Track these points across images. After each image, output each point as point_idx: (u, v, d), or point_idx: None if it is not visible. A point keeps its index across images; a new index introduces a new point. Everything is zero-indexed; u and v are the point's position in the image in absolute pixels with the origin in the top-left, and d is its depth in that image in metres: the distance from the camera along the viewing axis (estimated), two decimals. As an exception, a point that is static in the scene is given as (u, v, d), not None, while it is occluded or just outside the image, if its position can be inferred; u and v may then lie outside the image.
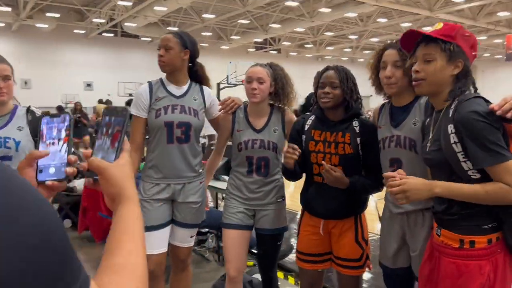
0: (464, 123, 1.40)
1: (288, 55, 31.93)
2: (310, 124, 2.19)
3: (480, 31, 23.75)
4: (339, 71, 2.08)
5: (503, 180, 1.36)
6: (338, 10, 18.11)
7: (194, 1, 17.00)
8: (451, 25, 1.55)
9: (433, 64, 1.50)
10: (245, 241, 2.40)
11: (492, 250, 1.44)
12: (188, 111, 2.36)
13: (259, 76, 2.26)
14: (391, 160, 1.94)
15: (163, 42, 2.37)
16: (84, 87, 24.51)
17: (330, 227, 2.16)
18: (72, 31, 23.28)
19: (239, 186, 2.38)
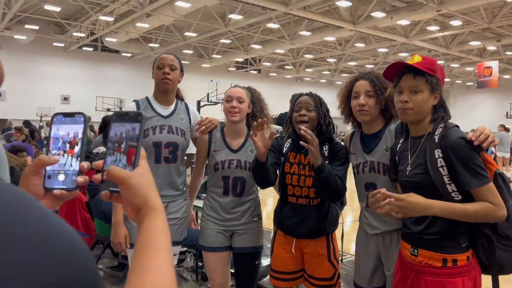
0: (454, 148, 1.50)
1: (268, 75, 32.35)
2: (287, 146, 2.25)
3: (453, 58, 24.72)
4: (313, 96, 2.19)
5: (487, 200, 1.48)
6: (318, 34, 18.60)
7: (177, 19, 17.13)
8: (430, 59, 1.64)
9: (421, 95, 1.59)
10: (227, 261, 2.42)
11: (471, 266, 1.55)
12: (176, 131, 2.37)
13: (239, 95, 2.30)
14: (366, 184, 2.02)
15: (168, 61, 2.36)
16: (60, 100, 24.11)
17: (302, 246, 2.21)
18: (51, 44, 23.02)
19: (215, 207, 2.36)
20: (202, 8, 16.14)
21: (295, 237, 2.19)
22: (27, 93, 22.43)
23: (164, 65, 2.34)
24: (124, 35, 19.63)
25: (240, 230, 2.36)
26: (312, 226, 2.13)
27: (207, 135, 2.40)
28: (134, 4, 15.31)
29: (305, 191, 2.15)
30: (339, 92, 2.15)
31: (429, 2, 13.72)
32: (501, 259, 1.53)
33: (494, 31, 18.87)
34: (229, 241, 2.40)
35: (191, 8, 14.93)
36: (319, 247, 2.18)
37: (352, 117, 2.08)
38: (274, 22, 17.82)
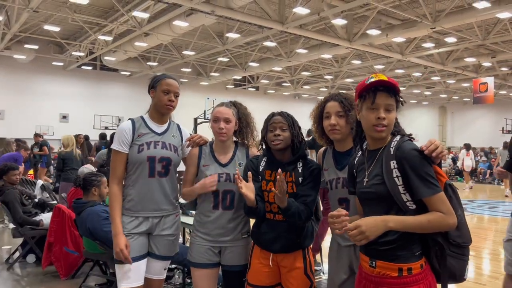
0: (408, 159, 1.57)
1: (266, 93, 32.55)
2: (263, 165, 2.30)
3: (449, 75, 24.93)
4: (285, 116, 2.26)
5: (438, 209, 1.54)
6: (314, 51, 18.78)
7: (175, 38, 17.33)
8: (391, 79, 1.70)
9: (392, 113, 1.68)
10: (214, 279, 2.42)
11: (425, 274, 1.59)
12: (169, 147, 2.44)
13: (226, 116, 2.35)
14: (340, 199, 2.10)
15: (174, 89, 2.43)
16: (59, 119, 24.19)
17: (279, 260, 2.23)
18: (50, 63, 23.22)
19: (204, 223, 2.38)
20: (199, 27, 16.34)
21: (272, 251, 2.22)
22: (26, 112, 22.52)
23: (170, 91, 2.40)
24: (123, 54, 19.82)
25: (229, 247, 2.37)
26: (288, 241, 2.18)
27: (197, 150, 2.46)
28: (132, 23, 15.51)
29: None
30: (311, 113, 2.26)
31: (424, 19, 13.91)
32: (453, 267, 1.59)
33: (488, 47, 19.08)
34: (218, 257, 2.40)
35: (189, 27, 15.12)
36: (295, 260, 2.21)
37: (325, 135, 2.19)
38: (271, 40, 18.03)
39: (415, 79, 26.48)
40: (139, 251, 2.37)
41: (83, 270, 4.38)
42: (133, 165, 2.38)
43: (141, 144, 2.37)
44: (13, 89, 22.76)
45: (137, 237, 2.36)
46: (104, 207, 3.65)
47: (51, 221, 4.47)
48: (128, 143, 2.39)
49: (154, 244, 2.43)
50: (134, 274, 2.34)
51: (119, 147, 2.38)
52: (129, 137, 2.38)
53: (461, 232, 1.59)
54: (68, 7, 15.25)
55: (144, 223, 2.39)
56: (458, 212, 1.59)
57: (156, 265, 2.46)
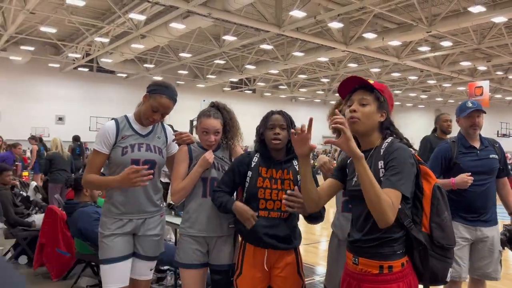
0: (393, 152, 1.60)
1: (263, 95, 32.61)
2: (256, 161, 2.31)
3: (444, 78, 25.05)
4: (284, 115, 2.29)
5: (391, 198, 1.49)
6: (311, 54, 18.86)
7: (171, 40, 17.34)
8: (380, 83, 1.79)
9: (368, 107, 1.70)
10: (203, 279, 2.43)
11: (405, 272, 1.60)
12: (153, 150, 2.42)
13: (216, 129, 2.40)
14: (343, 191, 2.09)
15: (165, 109, 2.38)
16: (55, 120, 24.15)
17: (272, 261, 2.23)
18: (47, 65, 23.21)
19: (191, 215, 2.39)
20: (196, 30, 16.38)
21: (266, 247, 2.21)
22: (22, 113, 22.48)
23: (158, 110, 2.36)
24: (119, 56, 19.83)
25: (217, 244, 2.38)
26: (283, 238, 2.20)
27: (186, 148, 2.46)
28: (129, 25, 15.52)
29: (278, 204, 2.21)
30: (329, 115, 2.32)
31: (419, 23, 13.99)
32: (435, 268, 1.60)
33: (484, 51, 19.20)
34: (206, 257, 2.40)
35: (185, 29, 15.15)
36: (289, 260, 2.24)
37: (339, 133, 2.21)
38: (268, 43, 18.09)
39: (411, 82, 26.60)
40: (124, 251, 2.35)
41: (74, 271, 4.36)
42: (117, 168, 2.35)
43: (125, 147, 2.35)
44: (9, 90, 22.71)
45: (121, 237, 2.35)
46: (96, 208, 3.63)
47: (43, 222, 4.45)
48: (110, 145, 2.36)
49: (139, 244, 2.42)
50: (119, 274, 2.32)
51: (99, 147, 2.35)
52: (112, 139, 2.36)
53: (445, 234, 1.60)
54: (65, 9, 15.25)
55: (129, 224, 2.38)
56: (443, 215, 1.61)
57: (141, 265, 2.45)
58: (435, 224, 1.60)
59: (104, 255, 2.34)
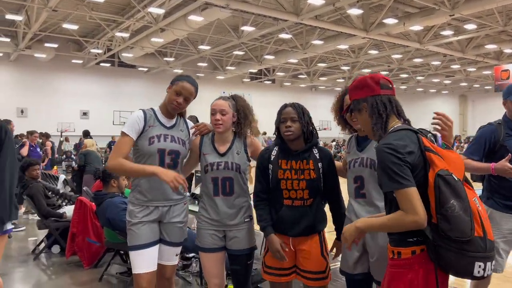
0: (377, 153, 1.64)
1: (282, 85, 32.48)
2: (275, 154, 2.42)
3: (469, 62, 24.39)
4: (296, 108, 2.37)
5: (401, 206, 1.54)
6: (330, 42, 18.63)
7: (190, 32, 17.44)
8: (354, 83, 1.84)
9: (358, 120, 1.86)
10: (221, 261, 2.57)
11: (416, 260, 1.59)
12: (177, 141, 2.54)
13: (222, 108, 2.48)
14: (355, 177, 2.25)
15: (187, 93, 2.49)
16: (80, 115, 24.71)
17: (296, 244, 2.36)
18: (70, 61, 23.69)
19: (207, 208, 2.52)
20: (215, 21, 16.41)
21: (291, 236, 2.34)
22: (47, 109, 23.07)
23: (181, 94, 2.48)
24: (140, 50, 20.07)
25: (233, 231, 2.50)
26: (307, 225, 2.32)
27: (198, 140, 2.61)
28: (148, 19, 15.68)
29: (300, 193, 2.32)
30: (332, 107, 2.41)
31: (442, 7, 13.63)
32: (451, 261, 1.54)
33: (510, 33, 18.57)
34: (223, 242, 2.54)
35: (204, 21, 15.20)
36: (313, 243, 2.35)
37: (348, 124, 2.34)
38: (287, 32, 17.97)
39: (434, 68, 26.01)
40: (151, 237, 2.47)
41: (104, 259, 4.53)
42: (143, 157, 2.47)
43: (152, 137, 2.46)
44: (35, 87, 23.33)
45: (148, 225, 2.46)
46: (123, 199, 3.76)
47: (74, 213, 4.63)
48: (138, 131, 2.46)
49: (165, 231, 2.54)
50: (147, 259, 2.44)
51: (128, 131, 2.45)
52: (141, 125, 2.46)
53: (452, 226, 1.51)
54: (86, 5, 15.51)
55: (154, 211, 2.48)
56: (447, 204, 1.51)
57: (167, 251, 2.57)
58: (440, 215, 1.52)
59: (133, 242, 2.46)
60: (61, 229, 4.99)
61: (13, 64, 22.71)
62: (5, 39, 18.96)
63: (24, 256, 5.05)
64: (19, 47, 19.40)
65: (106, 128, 22.58)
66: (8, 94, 22.30)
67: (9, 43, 19.57)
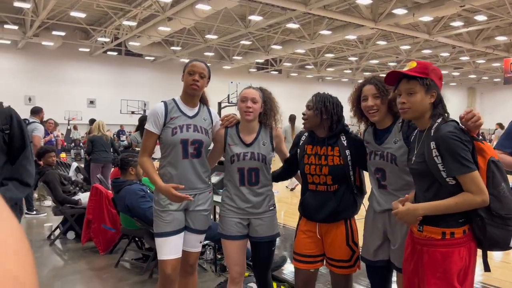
0: (443, 140, 1.75)
1: (289, 76, 32.36)
2: (304, 139, 2.51)
3: (478, 54, 24.18)
4: (314, 96, 2.44)
5: (468, 188, 1.71)
6: (338, 33, 18.50)
7: (198, 22, 17.38)
8: (423, 63, 1.89)
9: (415, 96, 1.86)
10: (243, 249, 2.63)
11: (466, 239, 1.79)
12: (200, 130, 2.57)
13: (253, 96, 2.51)
14: (376, 169, 2.29)
15: (199, 69, 2.53)
16: (87, 104, 24.81)
17: (323, 231, 2.41)
18: (77, 49, 23.70)
19: (232, 197, 2.55)
20: (222, 11, 16.32)
21: (316, 221, 2.40)
22: (55, 97, 23.15)
23: (194, 72, 2.52)
24: (147, 39, 20.04)
25: (257, 219, 2.55)
26: (330, 210, 2.35)
27: (223, 130, 2.63)
28: (156, 8, 15.64)
29: (323, 178, 2.37)
30: (349, 97, 2.41)
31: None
32: (496, 236, 1.75)
33: (521, 25, 18.37)
34: (246, 229, 2.58)
35: (211, 10, 15.13)
36: (338, 231, 2.39)
37: (364, 116, 2.35)
38: (294, 22, 17.86)
39: (443, 59, 25.80)
40: (177, 225, 2.53)
41: (119, 246, 4.60)
42: (167, 147, 2.52)
43: (175, 128, 2.50)
44: (42, 75, 23.41)
45: (174, 213, 2.52)
46: (141, 186, 3.82)
47: (89, 200, 4.69)
48: (160, 125, 2.52)
49: (190, 219, 2.59)
50: (173, 246, 2.51)
51: (151, 128, 2.53)
52: (162, 119, 2.52)
53: (502, 205, 1.73)
54: (94, -7, 15.48)
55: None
56: (500, 187, 1.74)
57: (192, 238, 2.62)
58: (492, 196, 1.72)
59: (159, 229, 2.52)
60: (76, 216, 5.07)
61: (21, 52, 22.76)
62: (13, 27, 18.98)
63: (40, 241, 5.14)
64: (27, 35, 19.43)
65: (113, 116, 22.65)
66: (16, 81, 22.40)
67: (17, 31, 19.59)
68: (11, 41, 21.79)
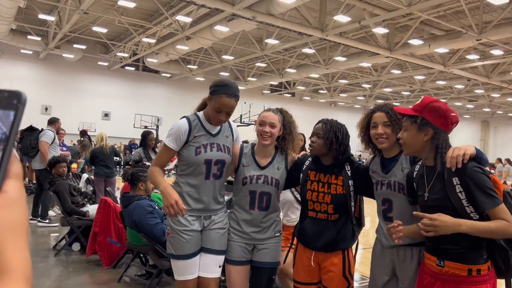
0: (471, 176, 1.76)
1: (302, 99, 32.53)
2: (307, 164, 2.46)
3: (493, 88, 24.07)
4: (324, 124, 2.38)
5: (502, 218, 1.73)
6: (353, 60, 18.65)
7: (215, 42, 17.69)
8: (423, 101, 1.90)
9: (407, 133, 1.91)
10: (247, 275, 2.51)
11: (491, 275, 1.81)
12: (223, 149, 2.47)
13: (272, 121, 2.43)
14: (383, 199, 2.23)
15: (228, 109, 2.39)
16: (101, 116, 25.18)
17: (320, 259, 2.35)
18: (96, 63, 24.24)
19: (239, 221, 2.47)
20: (240, 33, 16.62)
21: (313, 249, 2.35)
22: (70, 108, 23.58)
23: (221, 109, 2.38)
24: (165, 56, 20.43)
25: (263, 244, 2.47)
26: (329, 239, 2.30)
27: (238, 148, 2.56)
28: (175, 27, 16.00)
29: (324, 207, 2.33)
30: (359, 123, 2.37)
31: (469, 30, 13.56)
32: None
33: (537, 61, 18.31)
34: (251, 255, 2.50)
35: (229, 32, 15.42)
36: (334, 261, 2.33)
37: (372, 143, 2.31)
38: (310, 47, 18.07)
39: (457, 91, 25.74)
40: (194, 247, 2.42)
41: (123, 261, 4.60)
42: (190, 166, 2.42)
43: (199, 147, 2.40)
44: (60, 86, 23.92)
45: (191, 235, 2.41)
46: (150, 202, 3.84)
47: (97, 212, 4.72)
48: (181, 143, 2.43)
49: (206, 239, 2.46)
50: (192, 268, 2.41)
51: (171, 144, 2.43)
52: (184, 137, 2.43)
53: None
54: (116, 9, 15.93)
55: (197, 221, 2.45)
56: None
57: (210, 261, 2.46)
58: None
59: (181, 251, 2.40)
60: (83, 228, 5.09)
61: (42, 62, 23.35)
62: (36, 38, 19.53)
63: (46, 251, 5.16)
64: (49, 46, 19.96)
65: (126, 130, 22.96)
66: (35, 91, 22.88)
67: (39, 42, 20.15)
68: (33, 52, 22.40)
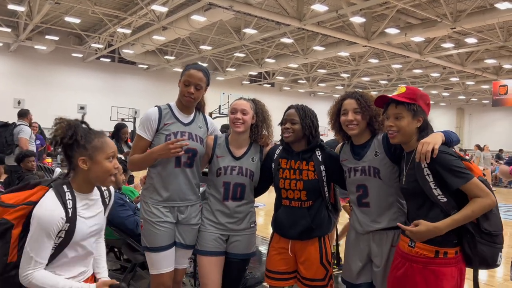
0: (437, 159, 1.80)
1: (282, 89, 32.51)
2: (278, 153, 2.43)
3: (468, 76, 24.53)
4: (298, 110, 2.36)
5: (476, 194, 1.77)
6: (331, 49, 18.70)
7: (192, 32, 17.44)
8: (412, 89, 1.96)
9: (402, 120, 1.93)
10: (220, 266, 2.46)
11: (458, 259, 1.85)
12: (195, 138, 2.45)
13: (243, 107, 2.43)
14: (358, 186, 2.22)
15: (196, 80, 2.37)
16: (77, 109, 24.58)
17: (296, 248, 2.33)
18: (70, 54, 23.59)
19: (214, 211, 2.45)
20: (217, 22, 16.42)
21: (289, 238, 2.33)
22: (45, 101, 22.93)
23: (190, 83, 2.37)
24: (141, 47, 20.04)
25: (237, 235, 2.44)
26: (304, 227, 2.28)
27: (212, 140, 2.51)
28: (151, 17, 15.66)
29: (297, 194, 2.30)
30: (329, 110, 2.38)
31: (444, 19, 13.72)
32: (484, 253, 1.80)
33: (510, 49, 18.72)
34: (224, 245, 2.46)
35: (206, 22, 15.20)
36: (311, 249, 2.31)
37: (342, 131, 2.31)
38: (288, 37, 18.02)
39: (433, 79, 26.14)
40: (169, 240, 2.39)
41: (98, 256, 4.49)
42: None
43: (168, 134, 2.38)
44: (33, 79, 23.21)
45: (165, 227, 2.38)
46: (120, 195, 3.73)
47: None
48: (153, 131, 2.40)
49: (180, 234, 2.43)
50: (170, 259, 2.38)
51: (143, 133, 2.40)
52: (155, 125, 2.39)
53: (490, 222, 1.81)
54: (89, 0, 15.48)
55: (171, 211, 2.40)
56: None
57: (181, 254, 2.47)
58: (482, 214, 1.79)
59: (155, 243, 2.36)
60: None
61: (13, 55, 22.57)
62: (6, 29, 18.85)
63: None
64: (20, 38, 19.31)
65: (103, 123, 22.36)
66: (6, 84, 22.18)
67: (9, 34, 19.45)
68: (3, 44, 21.63)
